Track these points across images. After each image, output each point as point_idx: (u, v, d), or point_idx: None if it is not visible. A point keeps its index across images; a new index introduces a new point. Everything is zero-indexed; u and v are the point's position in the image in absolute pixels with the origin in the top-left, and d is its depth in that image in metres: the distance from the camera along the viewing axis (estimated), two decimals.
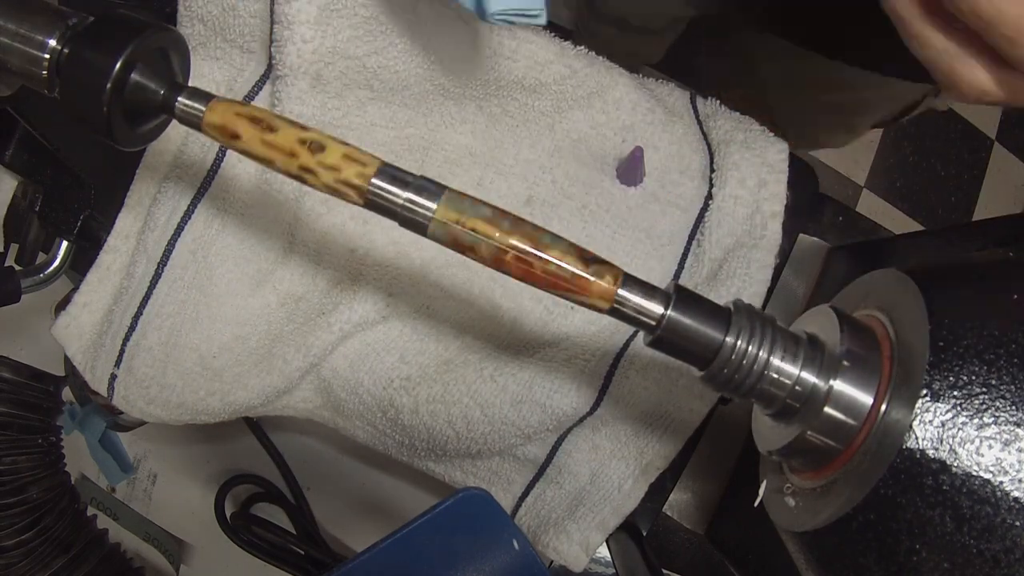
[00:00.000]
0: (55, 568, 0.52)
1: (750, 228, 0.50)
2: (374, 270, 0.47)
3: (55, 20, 0.31)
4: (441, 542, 0.39)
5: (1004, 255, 0.31)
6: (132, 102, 0.31)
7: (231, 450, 0.68)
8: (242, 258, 0.46)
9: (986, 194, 1.87)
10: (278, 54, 0.43)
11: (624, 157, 0.49)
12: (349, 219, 0.46)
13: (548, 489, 0.53)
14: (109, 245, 0.49)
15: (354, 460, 0.67)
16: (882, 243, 0.56)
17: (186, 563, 0.68)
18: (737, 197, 0.50)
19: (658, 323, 0.29)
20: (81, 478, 0.70)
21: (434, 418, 0.48)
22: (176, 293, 0.46)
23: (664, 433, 0.50)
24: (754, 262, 0.49)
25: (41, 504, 0.52)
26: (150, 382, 0.46)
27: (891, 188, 1.83)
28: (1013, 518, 0.25)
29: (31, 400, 0.52)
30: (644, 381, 0.49)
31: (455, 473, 0.54)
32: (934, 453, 0.26)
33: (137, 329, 0.46)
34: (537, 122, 0.50)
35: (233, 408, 0.49)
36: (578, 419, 0.50)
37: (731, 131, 0.52)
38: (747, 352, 0.29)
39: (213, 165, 0.46)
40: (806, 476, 0.32)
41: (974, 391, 0.26)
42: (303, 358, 0.49)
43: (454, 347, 0.49)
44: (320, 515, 0.67)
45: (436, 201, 0.29)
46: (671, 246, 0.50)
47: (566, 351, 0.48)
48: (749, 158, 0.50)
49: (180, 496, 0.68)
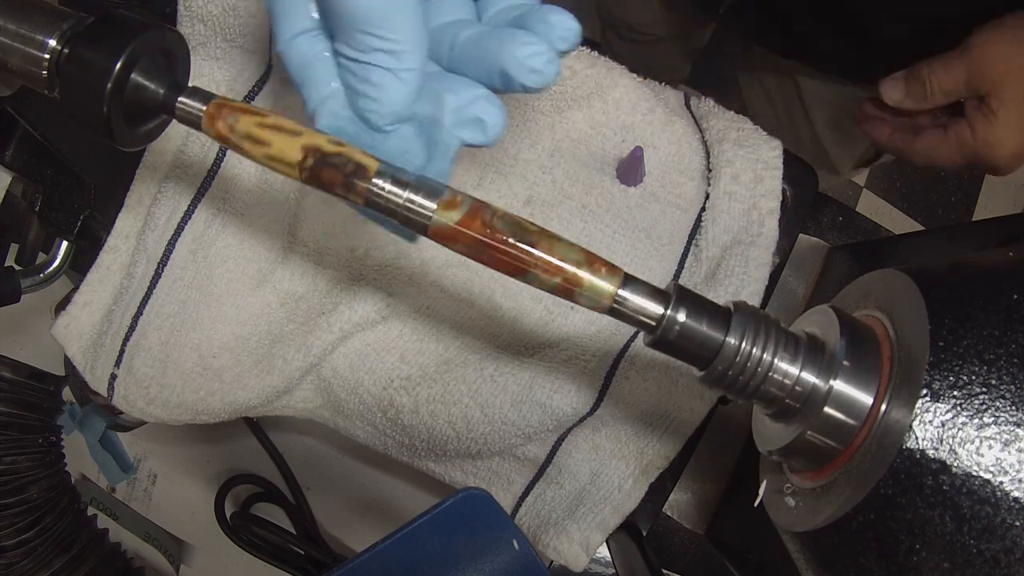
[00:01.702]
0: (55, 568, 0.52)
1: (747, 225, 0.50)
2: (374, 270, 0.47)
3: (55, 20, 0.31)
4: (441, 542, 0.39)
5: (1004, 255, 0.31)
6: (132, 102, 0.31)
7: (231, 450, 0.68)
8: (242, 258, 0.46)
9: (986, 194, 1.87)
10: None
11: (624, 157, 0.49)
12: (349, 219, 0.46)
13: (548, 489, 0.53)
14: (109, 245, 0.49)
15: (354, 460, 0.67)
16: (882, 243, 0.57)
17: (186, 563, 0.68)
18: (732, 193, 0.50)
19: (658, 323, 0.29)
20: (81, 478, 0.70)
21: (434, 418, 0.48)
22: (176, 293, 0.46)
23: (664, 433, 0.50)
24: (752, 260, 0.49)
25: (41, 504, 0.52)
26: (150, 382, 0.46)
27: (891, 188, 1.83)
28: (1013, 518, 0.25)
29: (31, 400, 0.52)
30: (644, 381, 0.49)
31: (455, 473, 0.54)
32: (934, 453, 0.26)
33: (137, 329, 0.46)
34: (537, 122, 0.50)
35: (233, 408, 0.49)
36: (578, 419, 0.50)
37: (724, 130, 0.52)
38: (747, 352, 0.29)
39: (213, 165, 0.46)
40: (806, 476, 0.32)
41: (974, 391, 0.26)
42: (303, 358, 0.49)
43: (454, 347, 0.49)
44: (320, 515, 0.67)
45: (436, 201, 0.29)
46: (671, 246, 0.50)
47: (566, 351, 0.48)
48: (743, 155, 0.50)
49: (180, 496, 0.68)
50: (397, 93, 0.30)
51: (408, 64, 0.30)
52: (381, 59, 0.29)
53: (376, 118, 0.31)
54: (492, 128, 0.31)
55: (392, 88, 0.30)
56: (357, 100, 0.31)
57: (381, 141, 0.31)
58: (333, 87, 0.31)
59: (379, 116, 0.31)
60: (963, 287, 0.29)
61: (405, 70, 0.30)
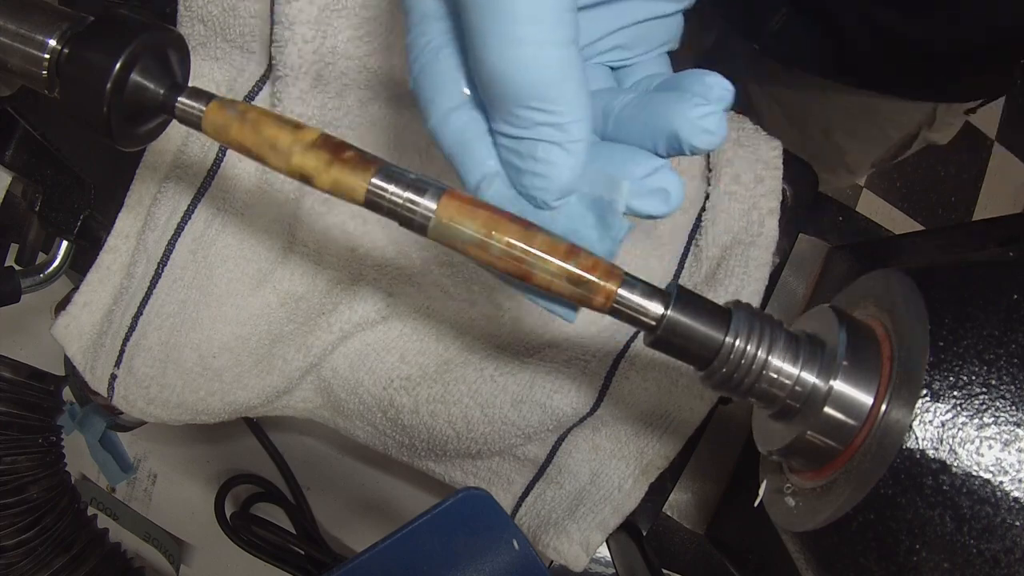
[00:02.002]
0: (55, 567, 0.52)
1: (747, 225, 0.50)
2: (374, 270, 0.47)
3: (55, 20, 0.31)
4: (441, 542, 0.39)
5: (1004, 255, 0.31)
6: (132, 102, 0.31)
7: (231, 450, 0.68)
8: (242, 258, 0.46)
9: (986, 194, 1.87)
10: (278, 54, 0.43)
11: None
12: (349, 219, 0.46)
13: (548, 489, 0.53)
14: (109, 245, 0.49)
15: (354, 460, 0.67)
16: (882, 243, 0.56)
17: (186, 563, 0.68)
18: (732, 193, 0.50)
19: (658, 323, 0.29)
20: (81, 478, 0.70)
21: (434, 418, 0.48)
22: (176, 293, 0.46)
23: (664, 433, 0.50)
24: (752, 260, 0.49)
25: (41, 504, 0.52)
26: (150, 382, 0.46)
27: (891, 188, 1.83)
28: (1013, 518, 0.25)
29: (31, 400, 0.52)
30: (644, 381, 0.49)
31: (455, 473, 0.54)
32: (934, 453, 0.26)
33: (137, 329, 0.46)
34: None
35: (233, 408, 0.49)
36: (578, 419, 0.50)
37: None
38: (747, 352, 0.29)
39: (213, 165, 0.46)
40: (806, 476, 0.32)
41: (974, 391, 0.26)
42: (303, 358, 0.49)
43: (454, 347, 0.49)
44: (320, 515, 0.67)
45: (436, 201, 0.29)
46: (671, 246, 0.50)
47: (566, 351, 0.48)
48: (743, 155, 0.50)
49: (180, 496, 0.68)
50: (565, 167, 0.28)
51: (576, 135, 0.27)
52: (547, 133, 0.27)
53: (543, 195, 0.29)
54: (675, 198, 0.29)
55: (560, 163, 0.28)
56: (521, 178, 0.29)
57: (548, 220, 0.29)
58: (490, 165, 0.29)
59: (547, 193, 0.28)
60: (963, 287, 0.29)
61: (572, 142, 0.27)
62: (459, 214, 0.29)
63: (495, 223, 0.29)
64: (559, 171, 0.28)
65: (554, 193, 0.29)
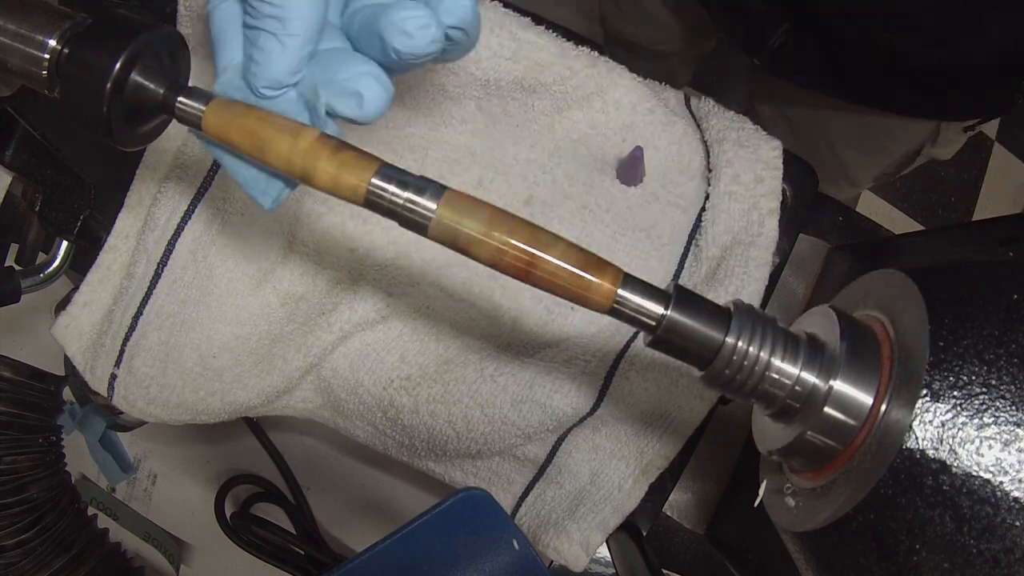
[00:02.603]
0: (55, 567, 0.52)
1: (747, 225, 0.50)
2: (374, 270, 0.47)
3: (55, 20, 0.31)
4: (441, 542, 0.39)
5: (1004, 255, 0.31)
6: (132, 102, 0.31)
7: (231, 450, 0.68)
8: (242, 258, 0.46)
9: (986, 194, 1.87)
10: None
11: (624, 157, 0.49)
12: (349, 219, 0.46)
13: (548, 489, 0.53)
14: (109, 245, 0.49)
15: (354, 460, 0.67)
16: (882, 243, 0.56)
17: (186, 563, 0.68)
18: (732, 193, 0.50)
19: (658, 323, 0.29)
20: (81, 478, 0.70)
21: (434, 418, 0.48)
22: (176, 293, 0.46)
23: (664, 433, 0.50)
24: (752, 260, 0.49)
25: (41, 504, 0.52)
26: (150, 382, 0.46)
27: (891, 188, 1.83)
28: (1013, 518, 0.25)
29: (31, 400, 0.52)
30: (644, 381, 0.49)
31: (455, 473, 0.54)
32: (934, 453, 0.26)
33: (137, 329, 0.46)
34: (537, 122, 0.50)
35: (233, 408, 0.49)
36: (578, 419, 0.50)
37: (724, 130, 0.52)
38: (747, 352, 0.29)
39: (213, 165, 0.46)
40: (806, 476, 0.32)
41: (974, 391, 0.26)
42: (303, 358, 0.49)
43: (454, 347, 0.49)
44: (320, 515, 0.67)
45: (436, 201, 0.29)
46: (671, 246, 0.50)
47: (566, 351, 0.48)
48: (743, 155, 0.50)
49: (180, 496, 0.68)
50: (278, 59, 0.30)
51: (292, 31, 0.30)
52: (270, 24, 0.30)
53: (256, 82, 0.31)
54: (369, 103, 0.30)
55: (274, 53, 0.30)
56: (248, 66, 0.31)
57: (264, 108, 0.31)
58: (235, 56, 0.32)
59: (260, 80, 0.31)
60: (963, 287, 0.29)
61: (289, 35, 0.30)
62: (459, 214, 0.29)
63: (495, 223, 0.29)
64: (273, 60, 0.30)
65: (264, 81, 0.31)
